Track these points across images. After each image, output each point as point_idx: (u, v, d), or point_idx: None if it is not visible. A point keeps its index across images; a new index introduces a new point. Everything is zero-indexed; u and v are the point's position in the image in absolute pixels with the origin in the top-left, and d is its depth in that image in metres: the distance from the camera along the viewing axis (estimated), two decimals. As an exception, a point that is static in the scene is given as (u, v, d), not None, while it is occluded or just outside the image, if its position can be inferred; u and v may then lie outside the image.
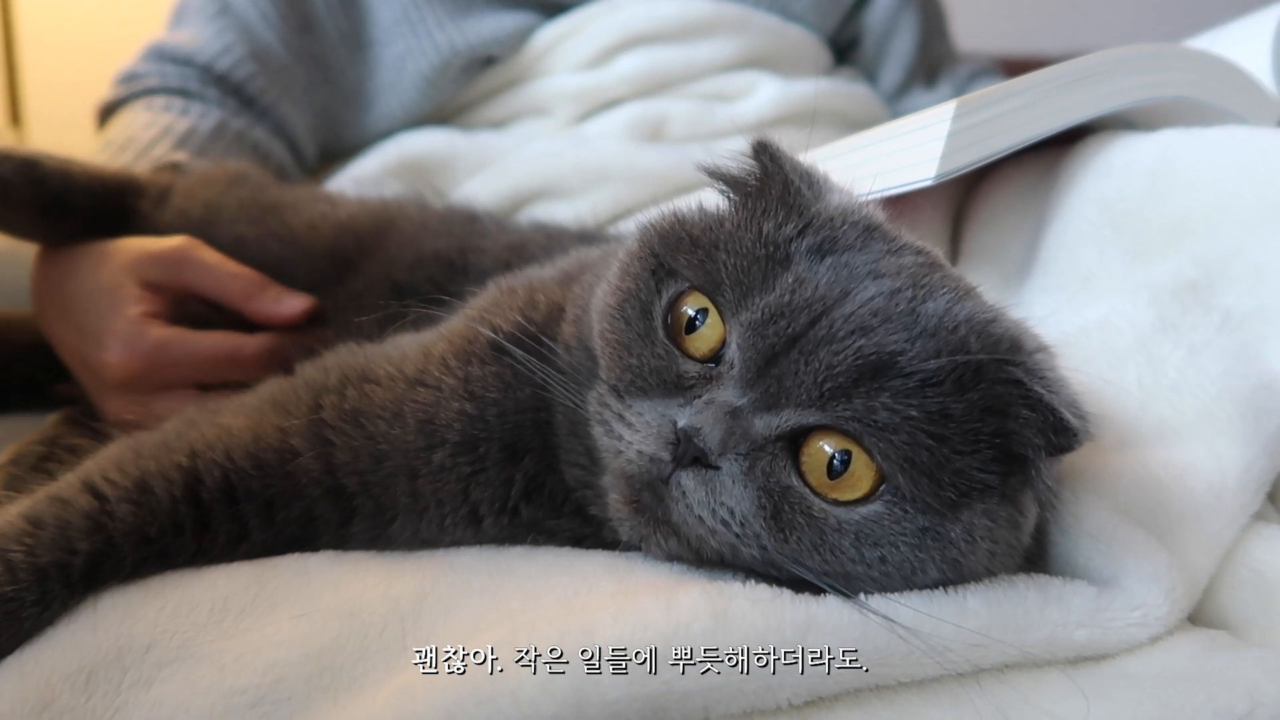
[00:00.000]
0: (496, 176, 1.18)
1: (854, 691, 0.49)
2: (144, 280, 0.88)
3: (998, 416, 0.51)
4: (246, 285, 0.89)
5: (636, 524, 0.55)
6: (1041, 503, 0.56)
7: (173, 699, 0.50)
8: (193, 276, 0.89)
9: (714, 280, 0.55)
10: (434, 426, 0.62)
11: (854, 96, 1.37)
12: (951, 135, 0.72)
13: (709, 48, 1.28)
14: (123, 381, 0.85)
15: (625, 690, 0.46)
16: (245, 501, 0.61)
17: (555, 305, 0.66)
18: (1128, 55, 0.83)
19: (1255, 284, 0.69)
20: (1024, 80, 0.78)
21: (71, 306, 0.90)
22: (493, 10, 1.28)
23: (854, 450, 0.51)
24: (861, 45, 1.48)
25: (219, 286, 0.89)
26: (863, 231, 0.57)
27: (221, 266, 0.90)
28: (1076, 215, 0.81)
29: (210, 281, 0.89)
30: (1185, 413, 0.64)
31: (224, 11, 1.25)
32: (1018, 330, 0.55)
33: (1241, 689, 0.48)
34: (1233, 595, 0.59)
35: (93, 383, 0.89)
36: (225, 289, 0.89)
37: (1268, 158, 0.74)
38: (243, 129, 1.23)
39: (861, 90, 1.41)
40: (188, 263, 0.89)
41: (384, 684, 0.50)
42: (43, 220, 0.92)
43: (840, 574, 0.51)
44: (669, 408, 0.54)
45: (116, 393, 0.86)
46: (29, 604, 0.54)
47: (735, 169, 0.61)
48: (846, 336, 0.51)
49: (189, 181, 1.01)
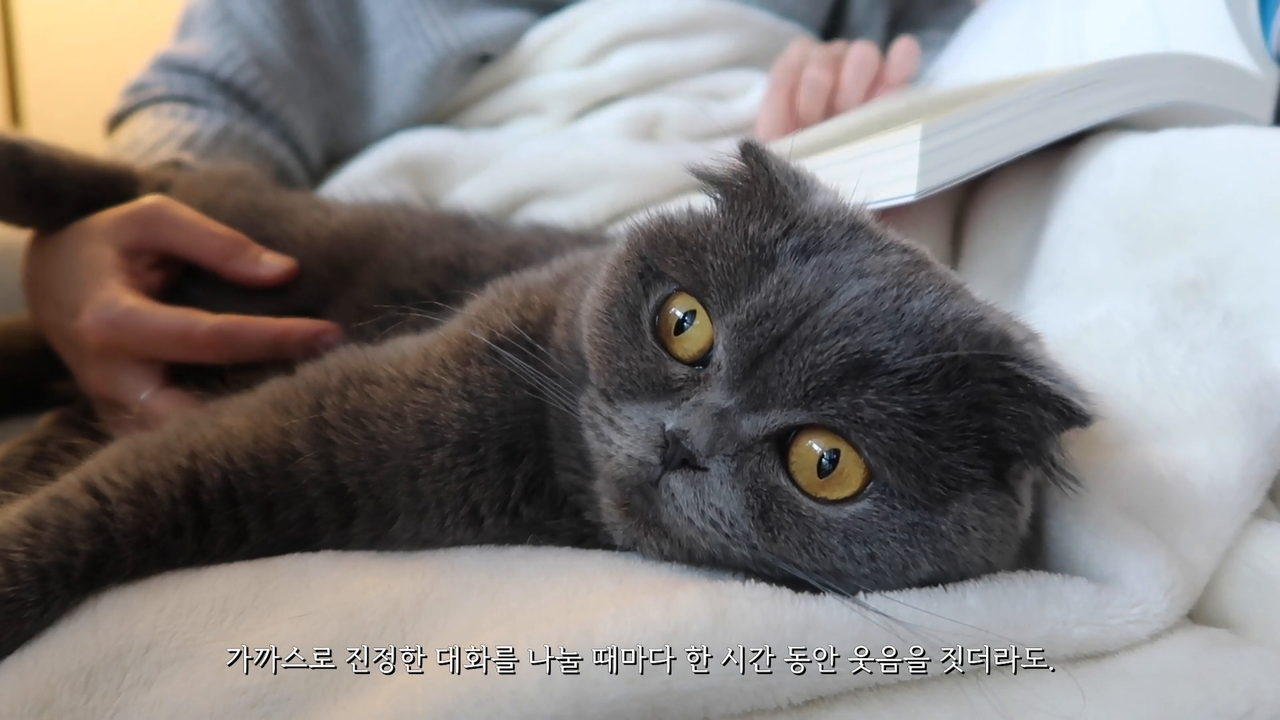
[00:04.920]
0: (494, 177, 1.18)
1: (854, 691, 0.49)
2: (121, 244, 0.86)
3: (985, 413, 0.52)
4: (225, 244, 0.87)
5: (628, 527, 0.55)
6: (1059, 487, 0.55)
7: (173, 699, 0.50)
8: (169, 235, 0.87)
9: (701, 282, 0.55)
10: (434, 426, 0.62)
11: None
12: (924, 155, 0.73)
13: (703, 45, 1.28)
14: (96, 350, 0.83)
15: (625, 690, 0.46)
16: (245, 503, 0.61)
17: (550, 308, 0.66)
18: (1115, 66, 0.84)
19: (1256, 282, 0.69)
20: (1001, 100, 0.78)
21: (55, 284, 0.88)
22: (485, 9, 1.28)
23: (842, 448, 0.51)
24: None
25: (196, 245, 0.87)
26: (847, 231, 0.57)
27: (199, 224, 0.88)
28: (1078, 215, 0.81)
29: (187, 239, 0.87)
30: (1187, 410, 0.64)
31: (227, 19, 1.26)
32: (1005, 325, 0.55)
33: (1242, 688, 0.48)
34: (1233, 593, 0.59)
35: (73, 355, 0.88)
36: (203, 247, 0.87)
37: (1269, 157, 0.74)
38: (248, 133, 1.23)
39: None
40: (162, 220, 0.87)
41: (384, 684, 0.49)
42: (28, 206, 0.91)
43: (831, 572, 0.51)
44: (657, 410, 0.54)
45: (92, 364, 0.84)
46: (29, 604, 0.54)
47: (722, 170, 0.61)
48: (831, 336, 0.51)
49: (191, 178, 1.01)
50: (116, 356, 0.83)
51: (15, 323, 1.02)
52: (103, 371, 0.83)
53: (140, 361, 0.83)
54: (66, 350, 0.89)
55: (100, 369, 0.84)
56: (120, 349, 0.82)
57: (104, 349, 0.82)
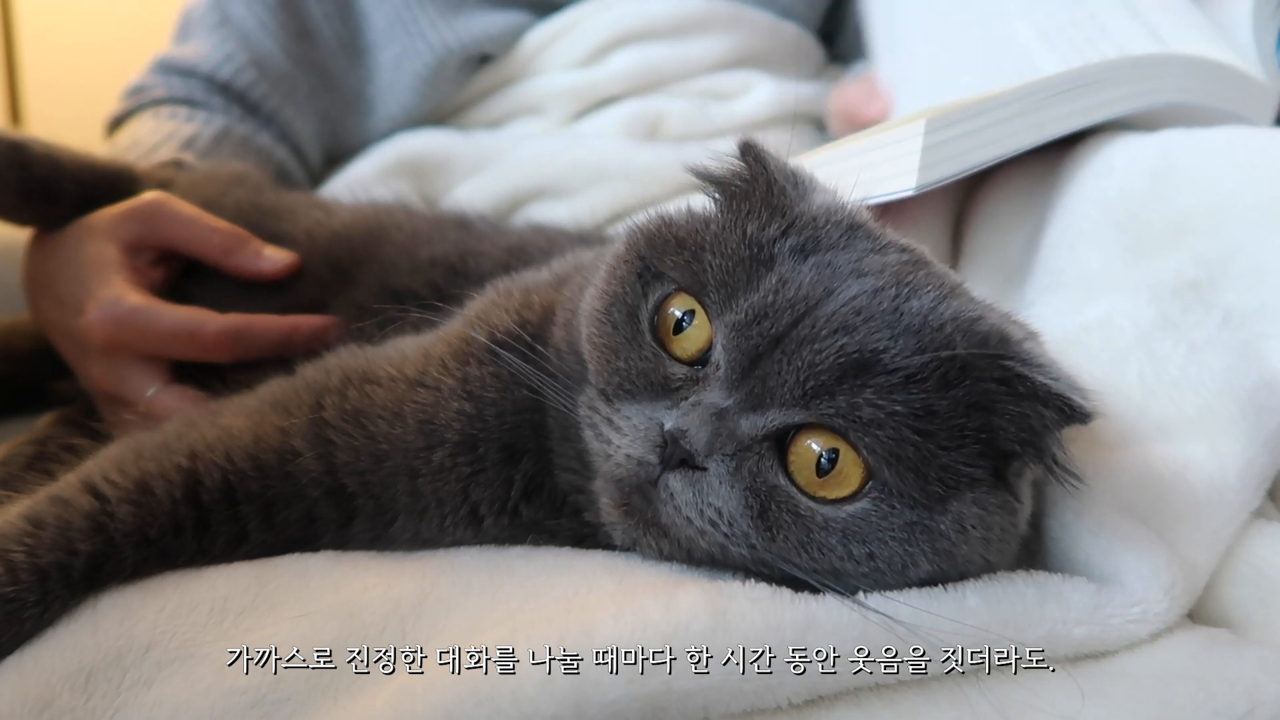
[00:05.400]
0: (494, 177, 1.18)
1: (854, 691, 0.49)
2: (123, 240, 0.86)
3: (983, 412, 0.52)
4: (226, 239, 0.87)
5: (627, 527, 0.55)
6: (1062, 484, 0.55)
7: (173, 699, 0.50)
8: (170, 230, 0.87)
9: (700, 282, 0.55)
10: (433, 426, 0.62)
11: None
12: (926, 150, 0.73)
13: (702, 45, 1.28)
14: (101, 347, 0.83)
15: (625, 690, 0.46)
16: (245, 503, 0.61)
17: (549, 308, 0.66)
18: (1117, 66, 0.84)
19: (1256, 282, 0.69)
20: (1005, 94, 0.78)
21: (56, 281, 0.88)
22: (484, 9, 1.28)
23: (841, 447, 0.51)
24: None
25: (197, 240, 0.87)
26: (846, 230, 0.57)
27: (199, 220, 0.87)
28: (1078, 215, 0.81)
29: (187, 235, 0.87)
30: (1186, 410, 0.64)
31: (224, 22, 1.26)
32: (1004, 324, 0.55)
33: (1241, 688, 0.48)
34: (1233, 592, 0.59)
35: (75, 353, 0.88)
36: (204, 242, 0.87)
37: (1268, 157, 0.74)
38: (247, 135, 1.23)
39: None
40: (162, 216, 0.87)
41: (384, 684, 0.50)
42: (28, 204, 0.91)
43: (830, 571, 0.51)
44: (656, 410, 0.54)
45: (97, 361, 0.84)
46: (30, 604, 0.54)
47: (721, 170, 0.61)
48: (829, 335, 0.51)
49: (192, 177, 1.01)
50: (121, 354, 0.83)
51: (15, 322, 1.02)
52: (107, 368, 0.83)
53: (145, 358, 0.83)
54: (68, 348, 0.89)
55: (105, 366, 0.84)
56: (126, 346, 0.82)
57: (109, 346, 0.82)
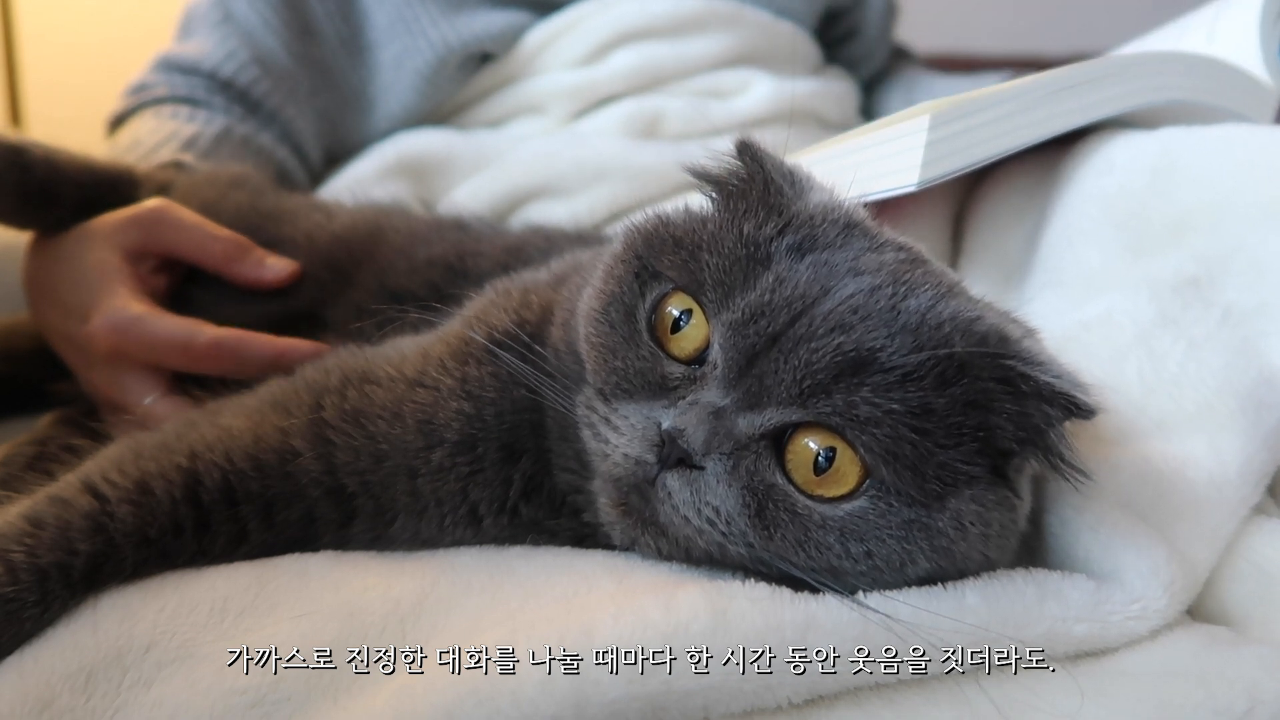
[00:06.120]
0: (494, 176, 1.18)
1: (854, 691, 0.49)
2: (124, 248, 0.86)
3: (981, 410, 0.52)
4: (227, 247, 0.87)
5: (626, 526, 0.55)
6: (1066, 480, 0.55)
7: (173, 699, 0.50)
8: (172, 238, 0.87)
9: (698, 281, 0.55)
10: (433, 426, 0.62)
11: (843, 96, 1.39)
12: (930, 145, 0.73)
13: (701, 44, 1.28)
14: (103, 355, 0.83)
15: (625, 690, 0.46)
16: (245, 503, 0.61)
17: (548, 308, 0.66)
18: (1119, 63, 0.84)
19: (1256, 280, 0.69)
20: (1007, 89, 0.78)
21: (59, 287, 0.88)
22: (485, 8, 1.28)
23: (839, 445, 0.51)
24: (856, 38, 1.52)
25: (199, 248, 0.87)
26: (843, 229, 0.57)
27: (201, 227, 0.88)
28: (1077, 212, 0.81)
29: (189, 243, 0.87)
30: (1186, 406, 0.64)
31: (226, 19, 1.26)
32: (1003, 322, 0.55)
33: (1241, 686, 0.48)
34: (1232, 589, 0.59)
35: (78, 359, 0.88)
36: (206, 250, 0.87)
37: (1268, 155, 0.74)
38: (249, 134, 1.23)
39: (850, 89, 1.44)
40: (164, 223, 0.87)
41: (384, 684, 0.50)
42: (28, 208, 0.91)
43: (828, 569, 0.51)
44: (654, 410, 0.54)
45: (99, 368, 0.84)
46: (30, 604, 0.54)
47: (718, 169, 0.61)
48: (826, 334, 0.51)
49: (192, 179, 1.01)
50: (123, 362, 0.83)
51: (15, 323, 1.02)
52: (108, 375, 0.84)
53: (145, 367, 0.83)
54: (69, 352, 0.89)
55: (106, 373, 0.84)
56: (126, 355, 0.83)
57: (111, 354, 0.83)
